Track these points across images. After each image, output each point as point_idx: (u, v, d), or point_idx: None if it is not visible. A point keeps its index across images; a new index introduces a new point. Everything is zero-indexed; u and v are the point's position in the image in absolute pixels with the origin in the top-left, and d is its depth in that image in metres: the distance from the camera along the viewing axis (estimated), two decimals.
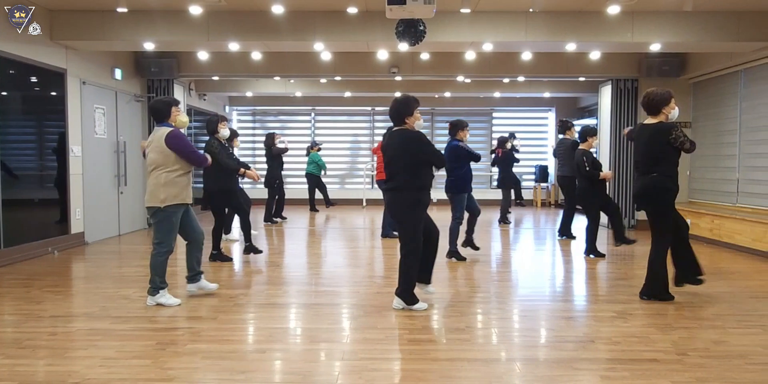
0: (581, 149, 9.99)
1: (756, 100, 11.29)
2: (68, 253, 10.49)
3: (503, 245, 11.71)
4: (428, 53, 13.60)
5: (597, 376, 4.65)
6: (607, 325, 6.09)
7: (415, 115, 6.56)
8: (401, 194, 6.48)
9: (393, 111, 6.58)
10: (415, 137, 6.48)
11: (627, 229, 13.54)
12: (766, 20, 10.29)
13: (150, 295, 6.81)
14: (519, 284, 8.22)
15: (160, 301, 6.77)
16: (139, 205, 13.53)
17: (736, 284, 7.84)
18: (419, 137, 6.49)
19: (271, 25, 10.71)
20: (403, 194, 6.47)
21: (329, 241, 12.44)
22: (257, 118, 21.32)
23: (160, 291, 6.79)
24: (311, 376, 4.68)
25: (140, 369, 4.77)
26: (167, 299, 6.79)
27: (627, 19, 10.46)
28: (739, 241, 10.78)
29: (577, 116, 19.44)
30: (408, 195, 6.45)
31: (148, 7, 10.33)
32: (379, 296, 7.28)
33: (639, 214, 13.22)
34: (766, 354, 5.19)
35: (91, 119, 11.78)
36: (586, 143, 10.10)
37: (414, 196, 6.45)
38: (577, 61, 13.57)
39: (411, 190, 6.45)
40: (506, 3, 10.15)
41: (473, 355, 5.15)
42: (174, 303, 6.78)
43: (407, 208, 6.47)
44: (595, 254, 10.01)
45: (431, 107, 20.11)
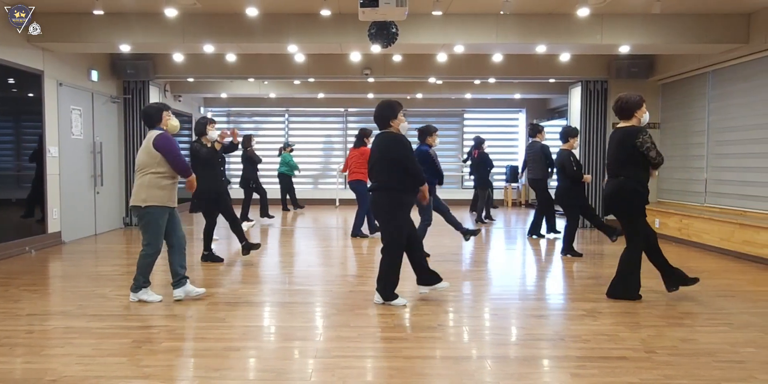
0: (565, 150, 10.10)
1: (724, 102, 11.45)
2: (45, 253, 10.54)
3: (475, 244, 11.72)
4: (400, 55, 13.67)
5: (567, 374, 4.68)
6: (577, 323, 6.15)
7: (400, 118, 6.75)
8: (384, 195, 6.62)
9: (377, 115, 6.74)
10: (398, 140, 6.60)
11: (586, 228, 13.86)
12: (733, 22, 10.43)
13: (132, 292, 6.93)
14: (491, 283, 8.29)
15: (142, 298, 6.88)
16: (115, 205, 13.79)
17: (704, 283, 7.85)
18: (401, 140, 6.60)
19: (246, 28, 10.75)
20: (386, 195, 6.61)
21: (303, 240, 12.44)
22: (232, 119, 21.33)
23: (142, 289, 6.91)
24: (285, 374, 4.70)
25: (116, 366, 4.79)
26: (149, 296, 6.91)
27: (596, 21, 10.55)
28: (708, 241, 10.93)
29: (547, 117, 19.59)
30: (390, 195, 6.59)
31: (124, 9, 10.34)
32: (352, 295, 7.35)
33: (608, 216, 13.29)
34: (734, 351, 5.23)
35: (67, 120, 11.83)
36: (568, 144, 10.23)
37: (396, 197, 6.59)
38: (547, 62, 13.69)
39: (393, 191, 6.58)
40: (477, 5, 10.19)
41: (445, 353, 5.20)
42: (155, 299, 6.90)
43: (390, 208, 6.61)
44: (571, 254, 10.12)
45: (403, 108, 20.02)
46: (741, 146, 10.92)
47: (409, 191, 6.66)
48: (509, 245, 11.95)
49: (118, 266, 9.41)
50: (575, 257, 10.06)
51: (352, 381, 4.55)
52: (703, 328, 5.96)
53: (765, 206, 10.28)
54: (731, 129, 11.20)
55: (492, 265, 9.78)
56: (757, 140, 10.47)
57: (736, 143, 11.05)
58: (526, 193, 20.20)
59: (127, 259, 10.18)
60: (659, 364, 4.90)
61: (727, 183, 11.30)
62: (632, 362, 4.93)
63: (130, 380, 4.53)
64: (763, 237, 9.58)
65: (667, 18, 10.49)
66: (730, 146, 11.23)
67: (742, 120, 10.92)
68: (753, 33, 10.36)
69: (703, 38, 10.56)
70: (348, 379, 4.58)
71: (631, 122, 6.98)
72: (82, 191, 12.43)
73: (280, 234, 13.54)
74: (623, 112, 7.01)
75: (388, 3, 8.19)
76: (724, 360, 5.02)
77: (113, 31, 10.68)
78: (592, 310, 6.63)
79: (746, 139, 10.77)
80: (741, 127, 10.93)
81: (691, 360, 5.00)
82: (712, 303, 6.96)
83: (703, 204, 11.98)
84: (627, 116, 6.99)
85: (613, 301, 7.01)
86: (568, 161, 9.93)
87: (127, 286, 7.26)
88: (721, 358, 5.08)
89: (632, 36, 10.70)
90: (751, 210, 10.58)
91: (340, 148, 21.22)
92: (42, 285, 8.15)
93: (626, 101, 6.96)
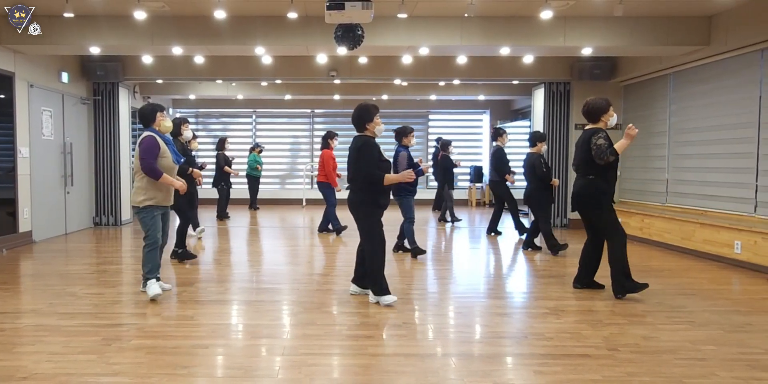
0: (534, 153, 10.34)
1: (684, 103, 11.59)
2: (16, 252, 10.55)
3: (439, 243, 11.84)
4: (366, 57, 13.72)
5: (530, 371, 4.73)
6: (540, 321, 6.21)
7: (375, 121, 6.82)
8: (357, 195, 6.75)
9: (354, 118, 6.85)
10: (364, 143, 6.69)
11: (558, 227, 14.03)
12: (694, 25, 10.56)
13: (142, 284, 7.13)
14: (455, 281, 8.35)
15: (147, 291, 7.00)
16: (85, 205, 13.88)
17: (665, 281, 8.01)
18: (366, 144, 6.68)
19: (213, 30, 10.77)
20: (359, 195, 6.73)
21: (270, 239, 12.50)
22: (200, 120, 21.30)
23: (148, 282, 7.00)
24: (252, 371, 4.73)
25: (86, 364, 4.83)
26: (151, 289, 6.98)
27: (559, 23, 10.65)
28: (669, 240, 11.08)
29: (511, 118, 19.72)
30: (363, 196, 6.71)
31: (94, 12, 10.33)
32: (318, 293, 7.43)
33: (572, 214, 13.44)
34: (695, 349, 5.30)
35: (38, 121, 11.87)
36: (536, 147, 10.50)
37: (369, 197, 6.69)
38: (511, 64, 13.77)
39: (366, 192, 6.69)
40: (442, 8, 10.23)
41: (410, 351, 5.24)
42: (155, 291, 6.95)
43: (364, 208, 6.73)
44: (532, 248, 10.81)
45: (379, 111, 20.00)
46: (701, 147, 11.04)
47: (382, 192, 6.74)
48: (473, 244, 12.00)
49: (88, 265, 9.44)
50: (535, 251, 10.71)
51: (318, 378, 4.59)
52: (664, 326, 6.03)
53: (725, 206, 10.39)
54: (692, 130, 11.34)
55: (455, 263, 9.84)
56: (717, 141, 10.59)
57: (697, 144, 11.18)
58: (489, 193, 20.26)
59: (97, 258, 10.23)
60: (621, 361, 4.95)
61: (687, 183, 11.44)
62: (595, 360, 4.97)
63: (99, 377, 4.56)
64: (723, 236, 9.73)
65: (630, 20, 10.59)
66: (690, 147, 11.36)
67: (702, 121, 11.04)
68: (714, 35, 10.48)
69: (664, 40, 10.67)
70: (315, 376, 4.62)
71: (598, 125, 7.24)
72: (52, 191, 12.49)
73: (248, 233, 13.53)
74: (590, 116, 7.29)
75: (354, 6, 8.27)
76: (686, 357, 5.09)
77: (83, 34, 10.69)
78: (554, 308, 6.71)
79: (706, 140, 10.90)
80: (701, 128, 11.05)
81: (652, 357, 5.05)
82: (673, 301, 7.05)
83: (664, 204, 12.12)
84: (594, 119, 7.27)
85: (576, 299, 7.13)
86: (538, 162, 10.22)
87: (98, 285, 7.37)
88: (683, 355, 5.14)
89: (595, 38, 10.80)
90: (711, 210, 10.68)
91: (307, 149, 21.24)
92: (13, 284, 8.13)
93: (592, 106, 7.23)
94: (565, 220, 14.27)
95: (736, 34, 9.97)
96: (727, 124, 10.38)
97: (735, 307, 6.93)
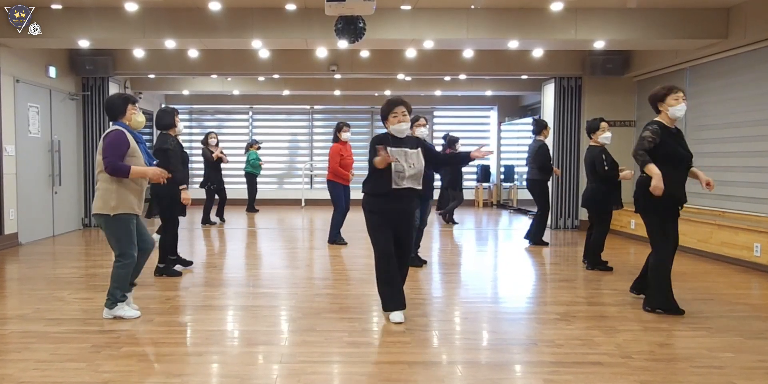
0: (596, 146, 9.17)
1: (701, 99, 11.35)
2: (1, 255, 10.40)
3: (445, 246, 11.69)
4: (368, 51, 13.50)
5: (540, 380, 4.64)
6: (550, 327, 6.08)
7: (390, 120, 6.18)
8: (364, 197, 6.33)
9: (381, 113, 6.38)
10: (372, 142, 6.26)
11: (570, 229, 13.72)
12: (712, 17, 10.33)
13: (107, 308, 6.22)
14: (461, 286, 8.22)
15: (118, 314, 6.19)
16: (73, 206, 13.69)
17: (681, 286, 7.73)
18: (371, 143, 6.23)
19: (208, 22, 10.59)
20: (364, 197, 6.31)
21: (267, 241, 12.39)
22: (194, 117, 20.95)
23: (118, 304, 6.21)
24: (249, 380, 4.65)
25: (75, 372, 4.74)
26: (125, 312, 6.21)
27: (570, 16, 10.43)
28: (685, 242, 10.67)
29: (520, 115, 19.51)
30: (365, 198, 6.29)
31: (83, 3, 10.18)
32: (317, 298, 7.27)
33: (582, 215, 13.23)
34: (712, 357, 5.17)
35: (24, 118, 11.65)
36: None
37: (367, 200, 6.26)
38: (519, 58, 13.51)
39: (366, 194, 6.29)
40: (447, 0, 10.10)
41: (414, 358, 5.14)
42: (133, 315, 6.22)
43: (365, 210, 6.27)
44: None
45: (371, 106, 19.89)
46: (719, 145, 10.84)
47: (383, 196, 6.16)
48: (480, 247, 11.87)
49: (77, 269, 9.31)
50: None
51: None
52: (680, 333, 5.91)
53: (743, 206, 10.21)
54: (709, 127, 11.14)
55: (463, 267, 9.71)
56: (736, 138, 10.41)
57: (715, 141, 10.97)
58: (497, 193, 20.01)
59: (86, 261, 10.18)
60: (635, 369, 4.85)
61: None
62: (607, 368, 4.88)
63: None
64: (742, 238, 9.47)
65: (644, 12, 10.39)
66: (708, 144, 11.12)
67: (720, 118, 10.86)
68: (732, 28, 10.24)
69: (680, 33, 10.46)
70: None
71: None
72: (39, 191, 12.27)
73: (246, 235, 13.40)
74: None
75: None
76: (703, 365, 4.98)
77: (71, 26, 10.48)
78: (565, 313, 6.58)
79: (724, 138, 10.71)
80: (719, 125, 10.87)
81: (668, 365, 4.97)
82: (689, 306, 6.80)
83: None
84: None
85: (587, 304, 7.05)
86: (599, 158, 8.99)
87: (87, 289, 7.27)
88: (699, 363, 5.03)
89: (607, 31, 10.60)
90: (729, 210, 10.47)
91: (306, 146, 21.00)
92: None
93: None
94: (576, 221, 13.89)
95: (755, 26, 9.72)
96: (746, 121, 10.19)
97: (755, 312, 6.80)
